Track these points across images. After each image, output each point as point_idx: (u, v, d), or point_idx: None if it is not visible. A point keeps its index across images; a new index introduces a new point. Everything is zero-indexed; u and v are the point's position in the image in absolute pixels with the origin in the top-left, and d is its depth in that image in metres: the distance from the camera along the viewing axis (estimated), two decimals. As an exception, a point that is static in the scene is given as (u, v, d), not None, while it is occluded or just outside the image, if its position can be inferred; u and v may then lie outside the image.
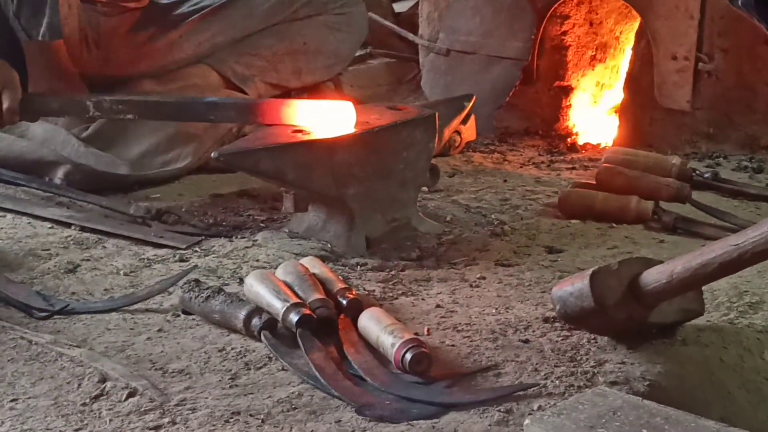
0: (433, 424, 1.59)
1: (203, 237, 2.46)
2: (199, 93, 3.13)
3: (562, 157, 3.39)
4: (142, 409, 1.63)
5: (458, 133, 3.27)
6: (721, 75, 3.40)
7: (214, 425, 1.59)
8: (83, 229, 2.49)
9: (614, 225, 2.62)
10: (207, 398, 1.67)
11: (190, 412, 1.63)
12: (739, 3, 1.78)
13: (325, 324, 1.90)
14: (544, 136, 3.61)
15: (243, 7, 3.27)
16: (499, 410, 1.62)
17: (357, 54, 4.26)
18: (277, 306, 1.90)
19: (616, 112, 3.58)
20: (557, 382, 1.72)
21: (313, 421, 1.61)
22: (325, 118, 2.43)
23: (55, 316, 2.01)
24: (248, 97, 3.14)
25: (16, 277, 2.19)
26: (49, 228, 2.50)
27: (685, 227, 2.61)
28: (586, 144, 3.53)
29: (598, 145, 3.52)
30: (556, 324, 1.96)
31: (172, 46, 3.22)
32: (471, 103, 3.17)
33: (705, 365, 1.86)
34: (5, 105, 2.54)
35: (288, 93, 3.36)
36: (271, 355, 1.82)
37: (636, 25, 3.54)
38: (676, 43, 3.37)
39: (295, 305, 1.88)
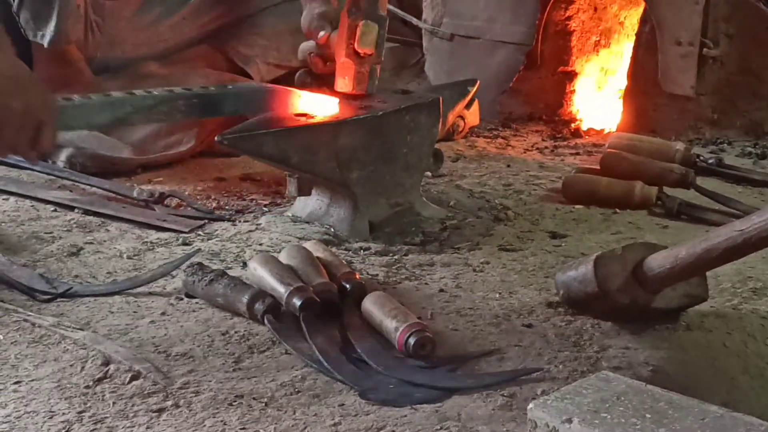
0: (436, 408, 1.59)
1: (206, 221, 2.46)
2: (203, 74, 3.12)
3: (565, 143, 3.39)
4: (146, 392, 1.63)
5: (462, 118, 3.27)
6: (725, 60, 3.39)
7: (217, 408, 1.59)
8: (86, 212, 2.48)
9: (618, 210, 2.62)
10: (210, 381, 1.67)
11: (194, 395, 1.63)
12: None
13: (329, 308, 1.90)
14: (548, 122, 3.61)
15: None
16: (503, 394, 1.62)
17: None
18: (281, 290, 1.89)
19: (620, 97, 3.57)
20: (561, 366, 1.72)
21: (316, 404, 1.61)
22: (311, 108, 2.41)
23: (58, 299, 2.00)
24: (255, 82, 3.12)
25: (20, 260, 2.18)
26: (52, 211, 2.50)
27: (689, 213, 2.61)
28: (589, 129, 3.53)
29: (602, 130, 3.52)
30: (560, 309, 1.96)
31: (176, 28, 3.21)
32: (475, 88, 3.16)
33: (708, 351, 1.86)
34: (44, 142, 2.10)
35: (291, 73, 3.35)
36: (275, 339, 1.82)
37: (640, 10, 3.53)
38: (680, 29, 3.36)
39: (298, 289, 1.88)
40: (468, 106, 3.23)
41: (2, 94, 1.98)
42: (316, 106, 2.38)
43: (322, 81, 3.34)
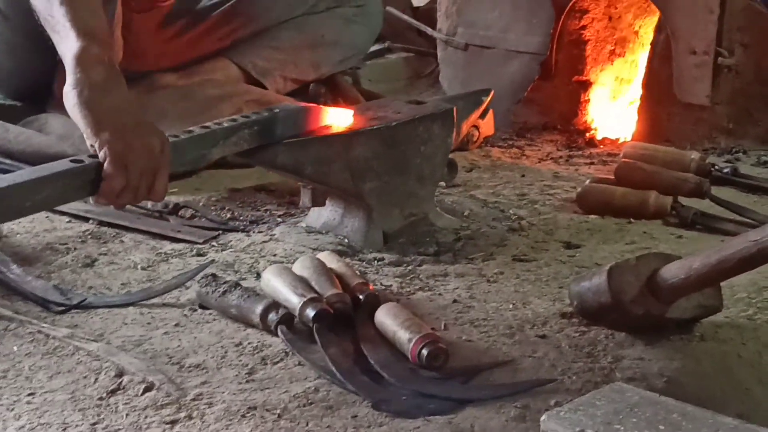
0: (449, 420, 1.59)
1: (220, 231, 2.46)
2: (218, 84, 3.13)
3: (580, 152, 3.38)
4: (159, 404, 1.63)
5: (476, 127, 3.27)
6: (740, 70, 3.39)
7: (230, 420, 1.59)
8: (101, 223, 2.49)
9: (633, 220, 2.61)
10: (223, 393, 1.67)
11: (207, 406, 1.63)
12: (757, -1, 1.77)
13: (342, 319, 1.90)
14: (563, 131, 3.61)
15: (264, 1, 3.27)
16: (516, 406, 1.62)
17: (375, 48, 4.28)
18: (294, 301, 1.90)
19: (634, 106, 3.57)
20: (574, 377, 1.72)
21: (329, 416, 1.61)
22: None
23: (72, 310, 2.01)
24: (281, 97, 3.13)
25: (34, 271, 2.19)
26: (67, 222, 2.50)
27: (704, 223, 2.60)
28: (604, 139, 3.52)
29: (617, 140, 3.51)
30: (574, 319, 1.96)
31: (197, 41, 3.22)
32: (489, 98, 3.17)
33: (723, 361, 1.85)
34: (159, 188, 2.07)
35: (306, 86, 3.36)
36: (288, 350, 1.82)
37: (655, 19, 3.52)
38: (695, 38, 3.35)
39: (311, 300, 1.88)
40: (482, 115, 3.23)
41: (126, 133, 1.99)
42: (337, 118, 2.39)
43: (337, 92, 3.36)
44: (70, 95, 2.01)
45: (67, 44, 2.06)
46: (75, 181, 1.97)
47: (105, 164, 1.96)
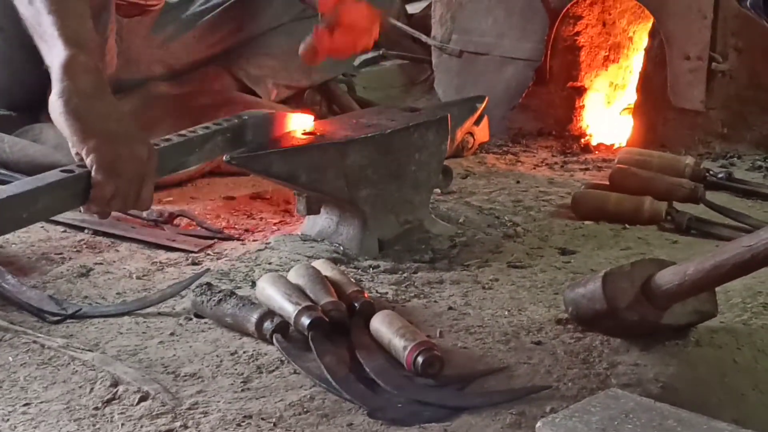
0: (445, 427, 1.59)
1: (216, 240, 2.46)
2: (211, 94, 3.13)
3: (575, 158, 3.38)
4: (154, 413, 1.63)
5: (471, 134, 3.27)
6: (735, 75, 3.39)
7: (225, 429, 1.59)
8: (96, 232, 2.49)
9: (627, 226, 2.61)
10: (219, 402, 1.67)
11: (202, 415, 1.63)
12: (747, 4, 1.78)
13: (338, 327, 1.90)
14: (558, 137, 3.61)
15: (252, 7, 3.27)
16: (512, 413, 1.62)
17: (369, 55, 4.28)
18: (289, 309, 1.89)
19: (629, 112, 3.57)
20: (570, 384, 1.72)
21: (324, 424, 1.61)
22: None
23: (67, 320, 2.01)
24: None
25: (29, 281, 2.18)
26: (62, 232, 2.50)
27: (699, 228, 2.60)
28: (599, 145, 3.52)
29: (612, 145, 3.51)
30: (569, 326, 1.96)
31: (187, 48, 3.22)
32: (483, 105, 3.16)
33: (718, 367, 1.85)
34: (145, 196, 2.09)
35: (301, 93, 3.36)
36: (283, 359, 1.82)
37: (649, 25, 3.53)
38: (689, 43, 3.36)
39: (306, 308, 1.88)
40: (477, 122, 3.23)
41: (114, 140, 1.99)
42: (299, 123, 2.40)
43: (331, 99, 3.36)
44: (56, 104, 2.01)
45: (55, 52, 2.05)
46: (67, 191, 1.97)
47: (93, 171, 1.96)
